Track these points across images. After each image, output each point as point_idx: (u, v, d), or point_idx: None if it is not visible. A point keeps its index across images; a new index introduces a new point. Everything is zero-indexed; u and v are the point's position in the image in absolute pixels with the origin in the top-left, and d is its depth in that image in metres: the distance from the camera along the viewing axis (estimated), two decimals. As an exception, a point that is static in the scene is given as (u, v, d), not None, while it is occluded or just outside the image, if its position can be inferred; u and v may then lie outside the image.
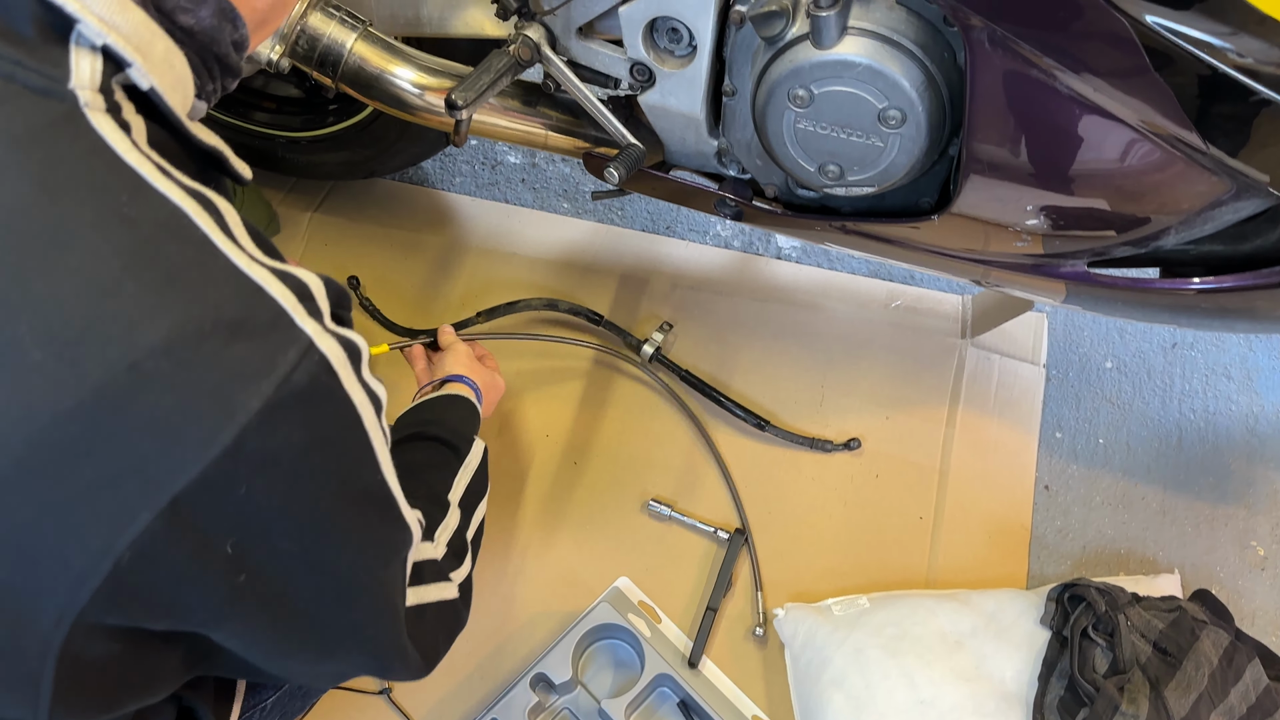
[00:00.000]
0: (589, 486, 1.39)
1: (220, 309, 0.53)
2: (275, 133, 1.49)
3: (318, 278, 0.60)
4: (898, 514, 1.37)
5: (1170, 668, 1.13)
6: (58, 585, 0.51)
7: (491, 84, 1.02)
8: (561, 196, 1.69)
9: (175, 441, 0.51)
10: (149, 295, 0.51)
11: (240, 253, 0.56)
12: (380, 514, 0.66)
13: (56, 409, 0.49)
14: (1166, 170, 0.91)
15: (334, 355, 0.57)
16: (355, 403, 0.59)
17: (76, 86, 0.54)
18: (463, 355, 1.20)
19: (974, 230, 1.04)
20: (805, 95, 0.94)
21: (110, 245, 0.51)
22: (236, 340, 0.52)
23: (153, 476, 0.51)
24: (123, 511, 0.50)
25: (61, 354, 0.49)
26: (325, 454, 0.58)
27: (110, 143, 0.54)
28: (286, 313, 0.55)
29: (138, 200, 0.53)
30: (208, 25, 0.61)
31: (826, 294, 1.56)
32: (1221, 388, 1.51)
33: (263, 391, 0.52)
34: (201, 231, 0.54)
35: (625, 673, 1.25)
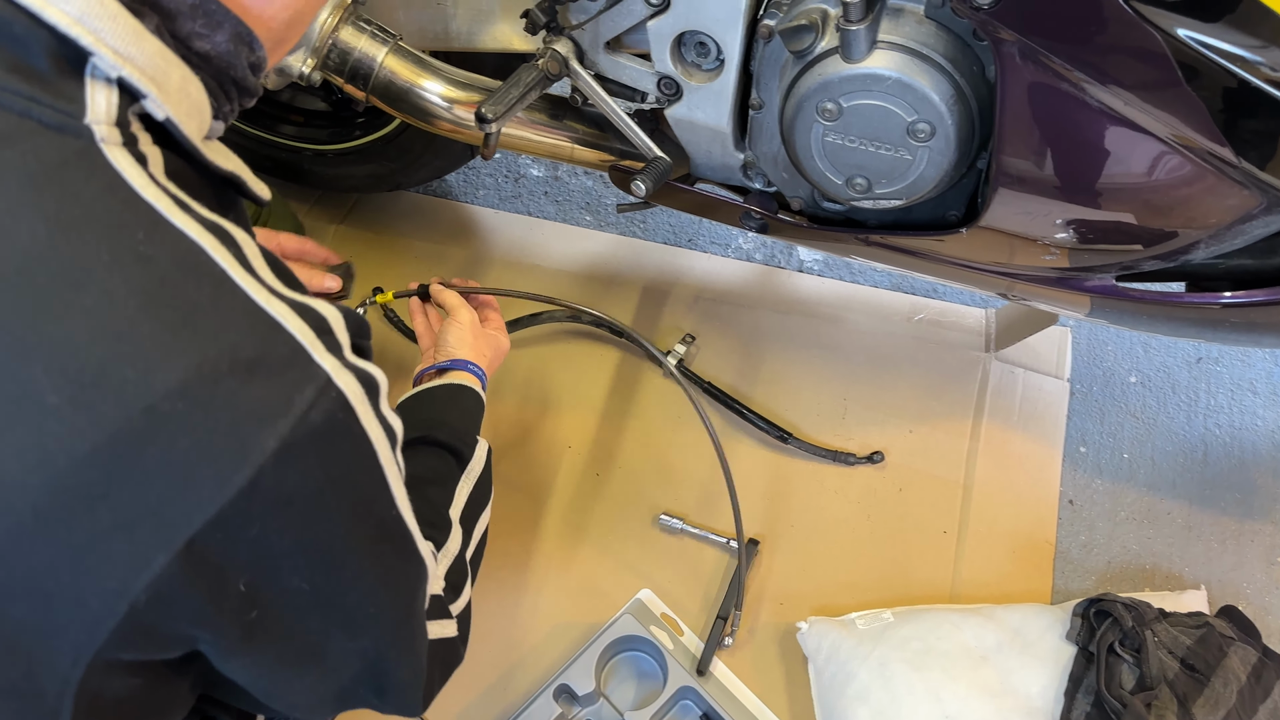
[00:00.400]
0: (612, 498, 1.39)
1: (237, 348, 0.52)
2: (302, 145, 1.51)
3: (336, 310, 0.60)
4: (921, 528, 1.36)
5: (1198, 684, 1.12)
6: (74, 626, 0.51)
7: (520, 97, 1.03)
8: (584, 209, 1.69)
9: (191, 484, 0.51)
10: (165, 335, 0.51)
11: (258, 286, 0.55)
12: (396, 549, 0.66)
13: (73, 454, 0.49)
14: (1197, 184, 0.90)
15: (351, 391, 0.57)
16: (372, 439, 0.59)
17: (92, 121, 0.53)
18: (466, 330, 1.14)
19: (1001, 243, 1.04)
20: (834, 109, 0.94)
21: (126, 285, 0.51)
22: (254, 379, 0.52)
23: (169, 519, 0.50)
24: (138, 555, 0.50)
25: (77, 398, 0.49)
26: (340, 492, 0.58)
27: (127, 178, 0.53)
28: (304, 349, 0.55)
29: (154, 237, 0.53)
30: (224, 50, 0.61)
31: (849, 307, 1.56)
32: (1247, 403, 1.50)
33: (279, 431, 0.52)
34: (219, 267, 0.54)
35: (648, 685, 1.25)
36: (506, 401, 1.45)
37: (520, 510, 1.37)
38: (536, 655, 1.27)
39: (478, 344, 1.14)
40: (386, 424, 0.61)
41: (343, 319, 0.60)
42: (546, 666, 1.25)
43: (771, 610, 1.30)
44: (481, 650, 1.27)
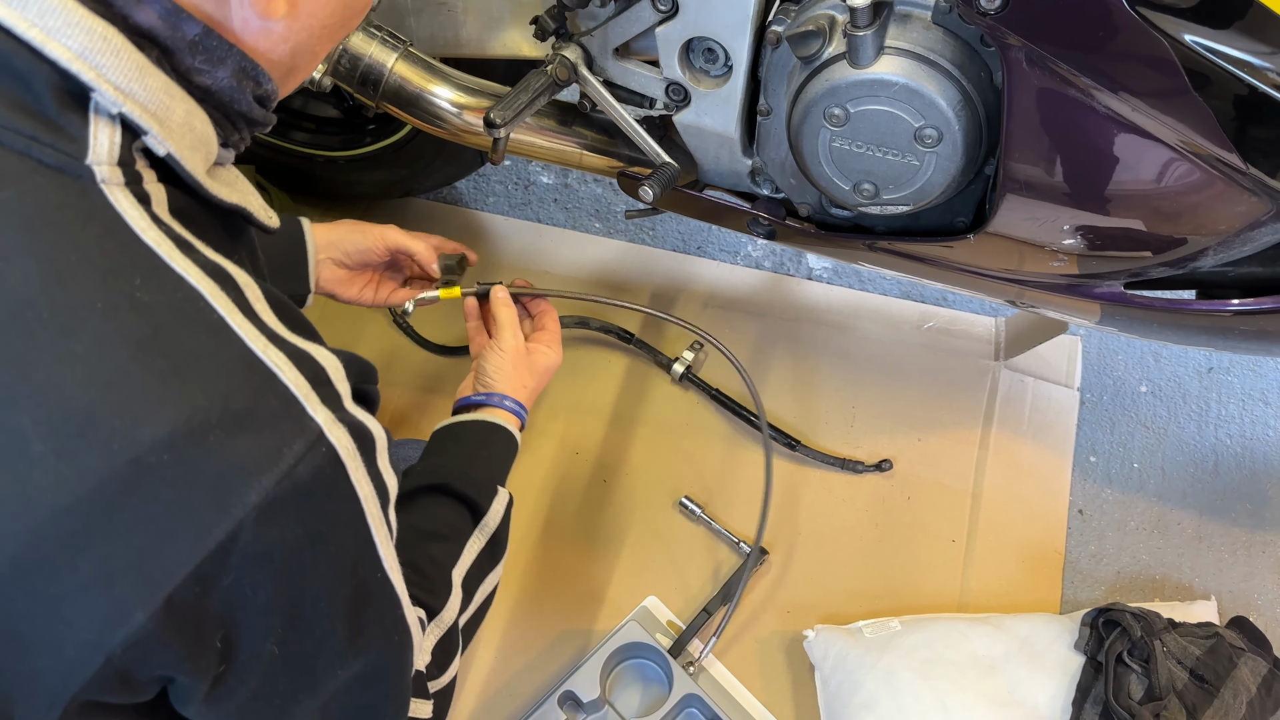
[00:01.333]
0: (619, 505, 1.39)
1: (229, 399, 0.52)
2: (313, 152, 1.51)
3: (337, 358, 0.59)
4: (929, 536, 1.36)
5: (1207, 695, 1.11)
6: (50, 673, 0.51)
7: (529, 103, 1.03)
8: (593, 216, 1.70)
9: (171, 537, 0.50)
10: (155, 386, 0.50)
11: (256, 334, 0.54)
12: (377, 614, 0.64)
13: (55, 504, 0.48)
14: (1205, 191, 0.90)
15: (343, 446, 0.56)
16: (360, 496, 0.58)
17: (94, 162, 0.52)
18: (507, 358, 1.07)
19: (1009, 250, 1.03)
20: (841, 114, 0.94)
21: (119, 333, 0.50)
22: (242, 431, 0.51)
23: (148, 574, 0.50)
24: (117, 610, 0.50)
25: (63, 448, 0.48)
26: (321, 551, 0.56)
27: (128, 220, 0.53)
28: (298, 401, 0.54)
29: (152, 283, 0.52)
30: (225, 86, 0.60)
31: (858, 315, 1.56)
32: (1259, 413, 1.49)
33: (263, 486, 0.51)
34: (218, 314, 0.53)
35: (653, 692, 1.24)
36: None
37: (527, 516, 1.37)
38: (542, 662, 1.26)
39: (518, 373, 1.07)
40: (379, 481, 0.60)
41: (342, 368, 0.59)
42: (552, 673, 1.25)
43: (778, 618, 1.30)
44: (487, 657, 1.27)
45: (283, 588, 0.55)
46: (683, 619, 1.29)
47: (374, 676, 0.66)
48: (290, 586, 0.55)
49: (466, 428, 1.03)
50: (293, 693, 0.60)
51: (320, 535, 0.56)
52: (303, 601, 0.57)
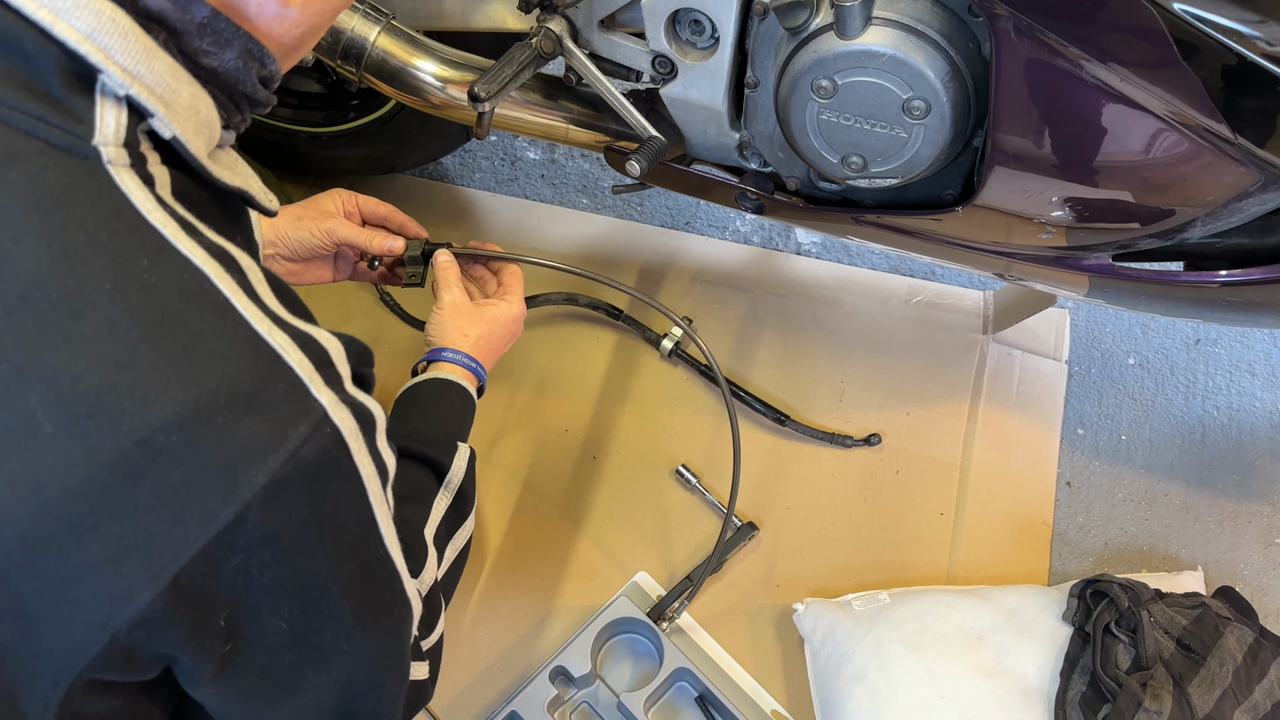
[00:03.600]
0: (608, 481, 1.38)
1: (236, 381, 0.52)
2: (297, 128, 1.50)
3: (338, 340, 0.60)
4: (918, 510, 1.36)
5: (1194, 664, 1.12)
6: (56, 652, 0.51)
7: (514, 76, 1.02)
8: (580, 192, 1.69)
9: (179, 519, 0.50)
10: (164, 368, 0.50)
11: (261, 315, 0.55)
12: (380, 590, 0.65)
13: (65, 485, 0.49)
14: (1193, 161, 0.90)
15: (346, 426, 0.56)
16: (363, 476, 0.59)
17: (100, 143, 0.53)
18: (444, 314, 1.05)
19: (998, 222, 1.03)
20: (829, 86, 0.94)
21: (128, 314, 0.50)
22: (249, 413, 0.52)
23: (156, 555, 0.50)
24: (124, 589, 0.50)
25: (73, 429, 0.49)
26: (326, 530, 0.57)
27: (134, 201, 0.53)
28: (303, 382, 0.55)
29: (159, 264, 0.52)
30: (232, 67, 0.60)
31: (846, 289, 1.56)
32: (1245, 384, 1.50)
33: (270, 467, 0.52)
34: (223, 296, 0.54)
35: (644, 666, 1.25)
36: (502, 385, 1.44)
37: (517, 494, 1.37)
38: (533, 638, 1.27)
39: (456, 324, 1.05)
40: (379, 460, 0.61)
41: (343, 350, 0.59)
42: (543, 649, 1.25)
43: (768, 592, 1.30)
44: (478, 633, 1.27)
45: (289, 568, 0.55)
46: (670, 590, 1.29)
47: (379, 650, 0.66)
48: (296, 566, 0.56)
49: (416, 390, 1.01)
50: (300, 668, 0.61)
51: (325, 515, 0.56)
52: (309, 580, 0.57)
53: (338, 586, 0.59)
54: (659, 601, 1.26)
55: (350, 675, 0.64)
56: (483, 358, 1.06)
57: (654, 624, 1.23)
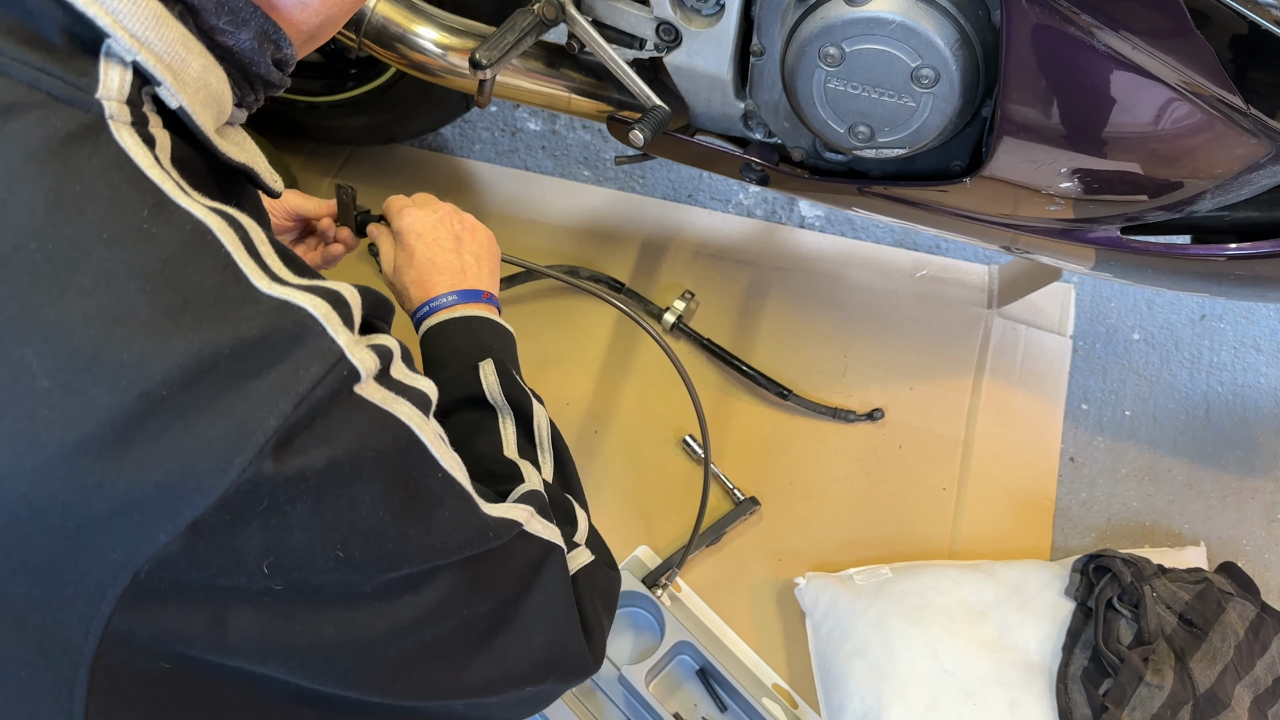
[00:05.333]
0: (609, 455, 1.38)
1: (240, 329, 0.50)
2: (295, 97, 1.48)
3: (353, 288, 0.58)
4: (921, 485, 1.36)
5: (1196, 639, 1.12)
6: (80, 598, 0.50)
7: (515, 43, 1.01)
8: (582, 164, 1.67)
9: (188, 470, 0.49)
10: (164, 320, 0.49)
11: (264, 275, 0.53)
12: (458, 515, 0.61)
13: (63, 441, 0.47)
14: (1205, 132, 0.89)
15: (365, 364, 0.54)
16: (389, 408, 0.56)
17: (103, 97, 0.51)
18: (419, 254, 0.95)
19: (1005, 194, 1.02)
20: (836, 54, 0.92)
21: (126, 265, 0.49)
22: (256, 359, 0.50)
23: (168, 505, 0.48)
24: (140, 534, 0.49)
25: (69, 384, 0.47)
26: (359, 464, 0.54)
27: (132, 156, 0.51)
28: (318, 322, 0.53)
29: (158, 216, 0.51)
30: (247, 48, 0.59)
31: (850, 263, 1.55)
32: (1250, 360, 1.49)
33: (281, 410, 0.50)
34: (225, 249, 0.52)
35: (645, 639, 1.25)
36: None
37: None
38: (534, 610, 1.26)
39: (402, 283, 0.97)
40: (407, 389, 0.58)
41: (359, 295, 0.58)
42: (544, 621, 1.25)
43: (770, 566, 1.30)
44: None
45: (326, 502, 0.53)
46: (674, 568, 1.29)
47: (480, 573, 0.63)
48: (334, 499, 0.53)
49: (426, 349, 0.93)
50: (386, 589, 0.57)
51: (354, 449, 0.54)
52: (354, 512, 0.54)
53: (391, 514, 0.56)
54: (654, 570, 1.26)
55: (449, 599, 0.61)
56: (440, 281, 0.95)
57: (654, 596, 1.23)
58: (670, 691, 1.22)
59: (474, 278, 0.96)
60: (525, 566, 0.68)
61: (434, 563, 0.60)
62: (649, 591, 1.23)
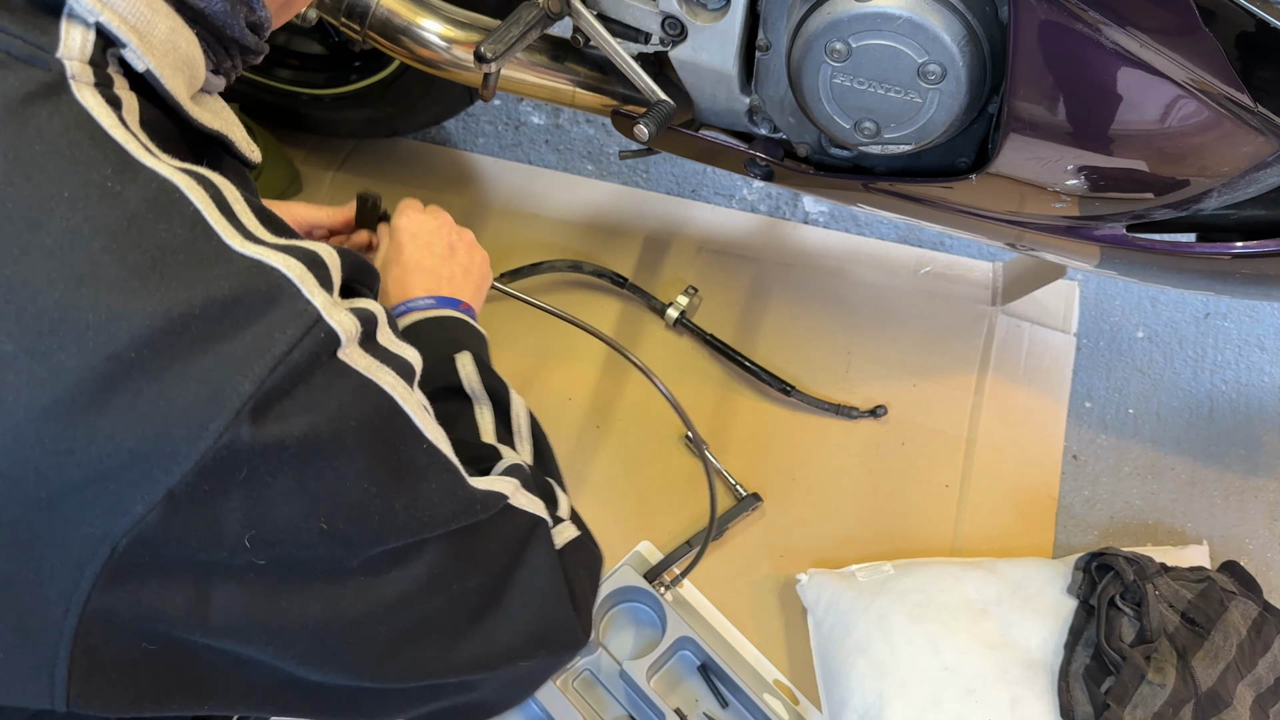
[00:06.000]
0: (612, 451, 1.38)
1: (211, 289, 0.49)
2: (298, 90, 1.48)
3: (332, 249, 0.56)
4: (923, 482, 1.36)
5: (1198, 638, 1.12)
6: (58, 574, 0.49)
7: (520, 36, 1.00)
8: (585, 158, 1.67)
9: (162, 435, 0.47)
10: (131, 279, 0.47)
11: (235, 232, 0.52)
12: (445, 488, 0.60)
13: (31, 406, 0.46)
14: (1213, 130, 0.88)
15: (345, 327, 0.52)
16: (371, 375, 0.55)
17: (64, 56, 0.50)
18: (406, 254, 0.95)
19: (1011, 191, 1.02)
20: (843, 49, 0.92)
21: (90, 224, 0.47)
22: (228, 321, 0.48)
23: (144, 471, 0.47)
24: (116, 504, 0.47)
25: (34, 346, 0.46)
26: (339, 432, 0.52)
27: (95, 117, 0.50)
28: (293, 283, 0.51)
29: (123, 175, 0.49)
30: (218, 10, 0.57)
31: (854, 259, 1.54)
32: (1255, 359, 1.48)
33: (256, 374, 0.48)
34: (194, 207, 0.50)
35: (647, 635, 1.25)
36: (504, 352, 1.43)
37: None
38: (535, 605, 1.26)
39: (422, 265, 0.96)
40: (390, 357, 0.57)
41: (338, 257, 0.56)
42: (545, 616, 1.25)
43: (772, 562, 1.30)
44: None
45: (308, 471, 0.51)
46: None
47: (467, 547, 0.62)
48: (316, 469, 0.52)
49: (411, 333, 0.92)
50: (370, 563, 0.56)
51: (334, 417, 0.52)
52: (337, 484, 0.53)
53: (377, 486, 0.55)
54: (655, 565, 1.26)
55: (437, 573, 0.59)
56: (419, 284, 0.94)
57: (655, 592, 1.23)
58: (671, 687, 1.22)
59: (455, 287, 0.96)
60: (512, 540, 0.67)
61: (421, 535, 0.58)
62: (651, 587, 1.23)
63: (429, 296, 0.93)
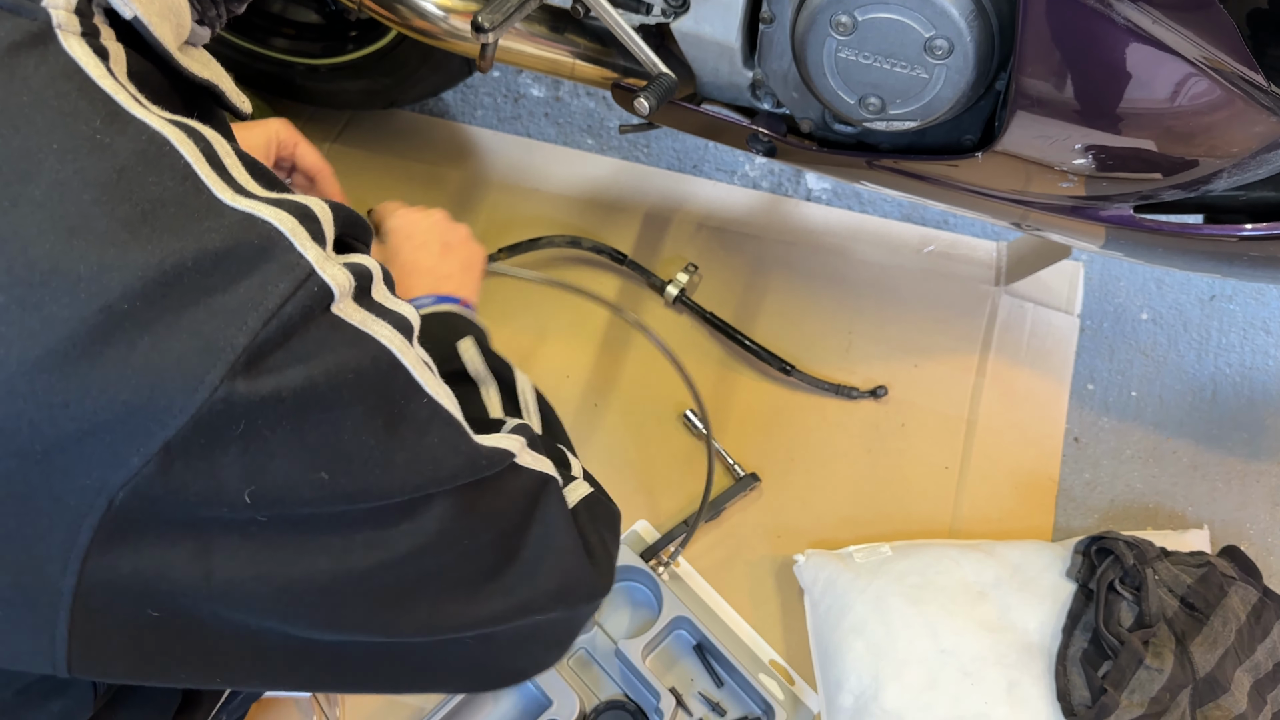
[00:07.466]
0: (609, 429, 1.37)
1: (202, 241, 0.48)
2: (294, 60, 1.46)
3: (324, 202, 0.55)
4: (923, 463, 1.35)
5: (1197, 623, 1.12)
6: (55, 525, 0.49)
7: (519, 6, 0.98)
8: (585, 132, 1.65)
9: (156, 388, 0.47)
10: (122, 232, 0.47)
11: (227, 187, 0.51)
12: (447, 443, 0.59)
13: (24, 358, 0.46)
14: (1224, 109, 0.87)
15: (339, 281, 0.52)
16: (369, 330, 0.54)
17: (49, 5, 0.49)
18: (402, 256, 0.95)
19: (1017, 169, 1.00)
20: (848, 22, 0.90)
21: (80, 176, 0.47)
22: (220, 273, 0.48)
23: (139, 424, 0.47)
24: (112, 456, 0.47)
25: (26, 298, 0.46)
26: (336, 385, 0.52)
27: (84, 67, 0.50)
28: (284, 236, 0.50)
29: (112, 126, 0.49)
30: None
31: (857, 238, 1.53)
32: (1259, 342, 1.47)
33: (250, 327, 0.48)
34: (184, 160, 0.50)
35: (642, 614, 1.24)
36: (502, 329, 1.42)
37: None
38: (531, 583, 1.26)
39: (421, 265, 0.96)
40: (387, 312, 0.56)
41: (330, 211, 0.55)
42: (541, 594, 1.25)
43: (769, 542, 1.29)
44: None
45: (305, 424, 0.51)
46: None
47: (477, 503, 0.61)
48: (313, 422, 0.51)
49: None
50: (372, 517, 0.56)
51: (332, 370, 0.52)
52: (335, 436, 0.52)
53: (376, 438, 0.54)
54: (652, 544, 1.25)
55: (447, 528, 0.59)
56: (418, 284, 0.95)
57: (651, 570, 1.22)
58: (667, 666, 1.21)
59: (454, 285, 0.96)
60: (522, 497, 0.66)
61: (426, 490, 0.57)
62: (647, 566, 1.23)
63: (429, 296, 0.93)
